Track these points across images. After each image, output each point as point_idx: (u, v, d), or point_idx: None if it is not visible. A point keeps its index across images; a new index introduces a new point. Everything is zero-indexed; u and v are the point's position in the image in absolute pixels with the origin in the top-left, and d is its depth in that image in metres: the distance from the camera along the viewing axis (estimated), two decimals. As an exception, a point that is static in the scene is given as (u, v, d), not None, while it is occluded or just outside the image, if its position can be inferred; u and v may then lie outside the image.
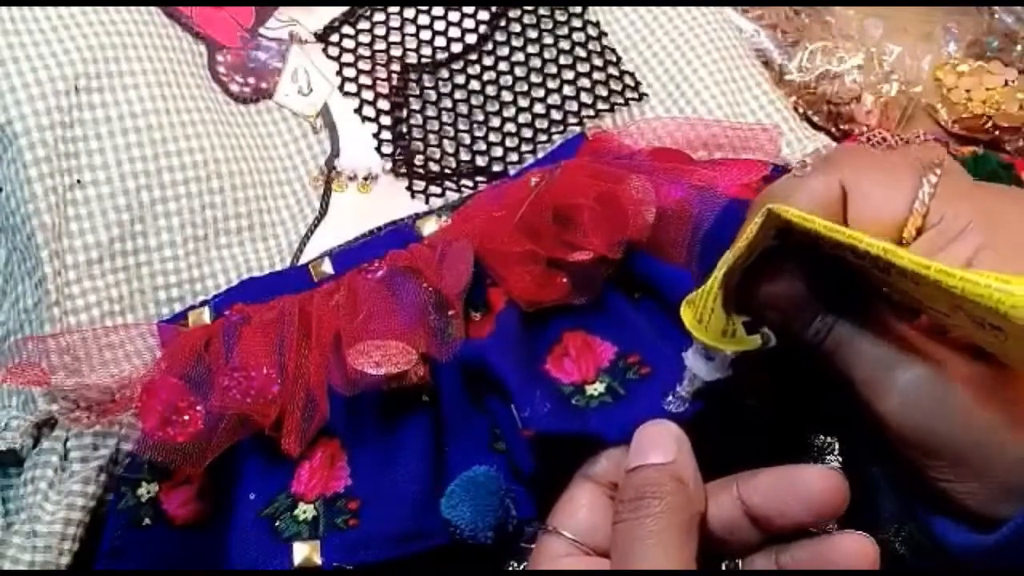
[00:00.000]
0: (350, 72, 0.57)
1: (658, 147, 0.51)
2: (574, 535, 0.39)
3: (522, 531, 0.42)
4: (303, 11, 0.58)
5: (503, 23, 0.57)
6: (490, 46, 0.57)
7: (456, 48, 0.57)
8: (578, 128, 0.55)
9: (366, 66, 0.57)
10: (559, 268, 0.45)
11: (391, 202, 0.54)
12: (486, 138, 0.55)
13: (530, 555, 0.40)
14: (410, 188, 0.54)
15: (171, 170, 0.50)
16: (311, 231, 0.53)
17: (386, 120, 0.56)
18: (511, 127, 0.55)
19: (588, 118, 0.55)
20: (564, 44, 0.57)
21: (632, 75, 0.56)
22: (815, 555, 0.36)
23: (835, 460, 0.48)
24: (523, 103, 0.56)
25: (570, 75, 0.56)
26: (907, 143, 0.61)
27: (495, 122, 0.55)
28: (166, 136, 0.51)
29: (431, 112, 0.56)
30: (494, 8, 0.57)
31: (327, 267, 0.49)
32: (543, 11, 0.57)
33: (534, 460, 0.41)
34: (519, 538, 0.42)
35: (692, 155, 0.51)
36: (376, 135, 0.55)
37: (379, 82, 0.56)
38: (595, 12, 0.57)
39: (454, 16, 0.57)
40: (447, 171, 0.55)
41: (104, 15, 0.52)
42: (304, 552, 0.41)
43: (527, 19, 0.57)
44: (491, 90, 0.56)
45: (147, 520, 0.44)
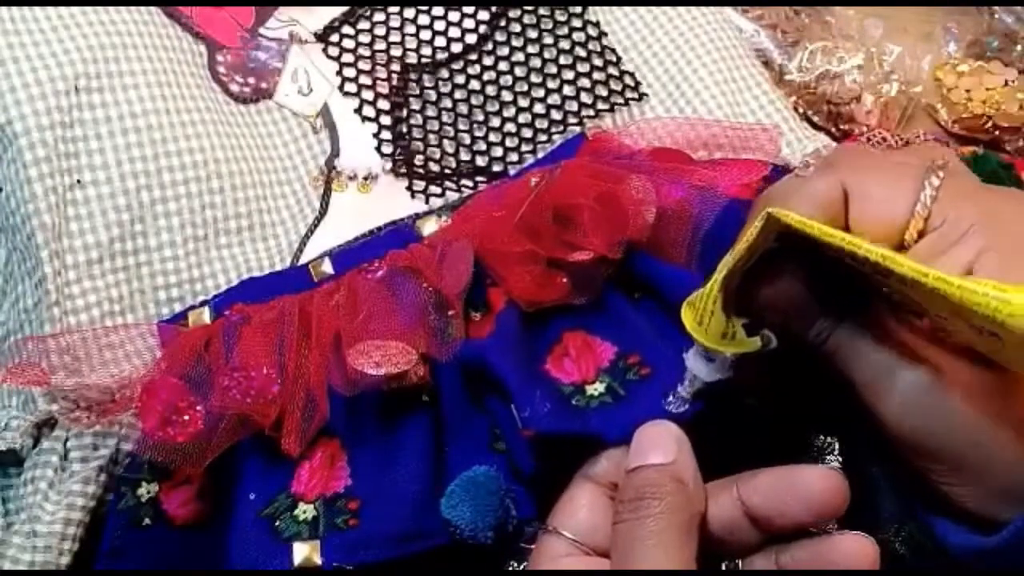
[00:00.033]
0: (350, 72, 0.57)
1: (658, 147, 0.51)
2: (574, 535, 0.39)
3: (522, 531, 0.42)
4: (303, 11, 0.58)
5: (503, 23, 0.57)
6: (490, 46, 0.57)
7: (456, 48, 0.57)
8: (578, 128, 0.55)
9: (366, 66, 0.57)
10: (559, 268, 0.45)
11: (391, 202, 0.54)
12: (486, 138, 0.55)
13: (530, 555, 0.40)
14: (410, 188, 0.54)
15: (171, 170, 0.50)
16: (311, 231, 0.53)
17: (386, 120, 0.55)
18: (511, 127, 0.55)
19: (588, 118, 0.55)
20: (564, 44, 0.57)
21: (632, 75, 0.56)
22: (815, 555, 0.36)
23: (835, 460, 0.48)
24: (523, 103, 0.56)
25: (570, 75, 0.56)
26: (907, 143, 0.61)
27: (495, 122, 0.55)
28: (166, 136, 0.51)
29: (431, 112, 0.56)
30: (494, 8, 0.57)
31: (327, 267, 0.49)
32: (543, 11, 0.57)
33: (534, 460, 0.41)
34: (519, 538, 0.42)
35: (692, 155, 0.51)
36: (376, 135, 0.55)
37: (379, 82, 0.56)
38: (595, 12, 0.57)
39: (454, 16, 0.57)
40: (447, 171, 0.54)
41: (104, 15, 0.52)
42: (304, 552, 0.41)
43: (527, 19, 0.57)
44: (491, 90, 0.56)
45: (147, 520, 0.44)
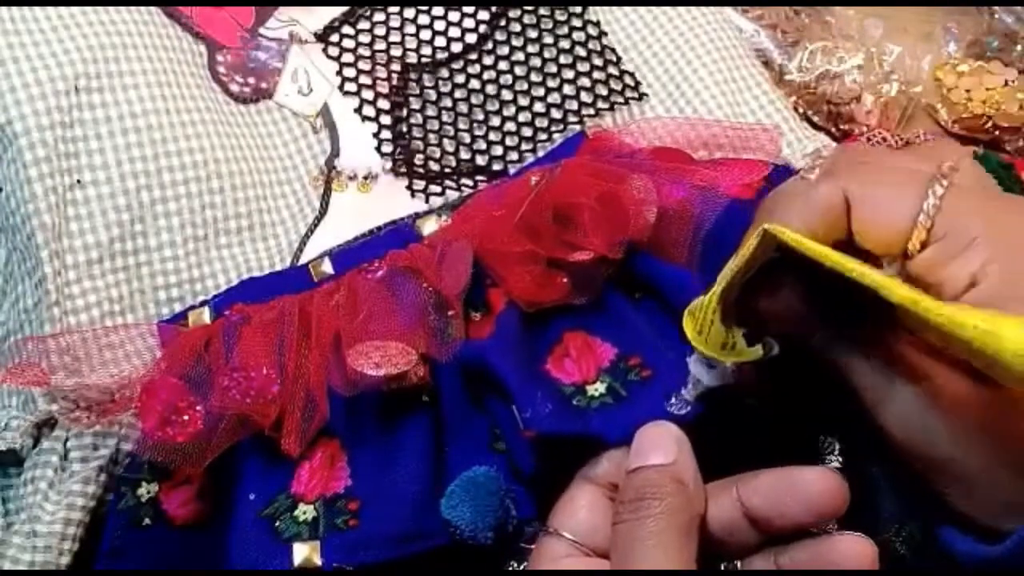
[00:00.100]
0: (350, 72, 0.57)
1: (659, 146, 0.51)
2: (574, 536, 0.39)
3: (522, 531, 0.41)
4: (303, 11, 0.58)
5: (503, 23, 0.57)
6: (490, 46, 0.57)
7: (456, 48, 0.57)
8: (578, 127, 0.55)
9: (366, 66, 0.57)
10: (559, 268, 0.45)
11: (391, 201, 0.54)
12: (486, 137, 0.55)
13: (530, 555, 0.40)
14: (410, 187, 0.54)
15: (171, 170, 0.50)
16: (311, 231, 0.53)
17: (386, 120, 0.55)
18: (511, 126, 0.55)
19: (588, 117, 0.55)
20: (564, 44, 0.57)
21: (632, 75, 0.56)
22: (814, 556, 0.36)
23: (835, 460, 0.48)
24: (523, 102, 0.56)
25: (570, 75, 0.56)
26: (907, 143, 0.61)
27: (495, 121, 0.55)
28: (166, 136, 0.51)
29: (431, 111, 0.56)
30: (494, 8, 0.57)
31: (327, 267, 0.49)
32: (543, 11, 0.57)
33: (535, 460, 0.41)
34: (519, 538, 0.42)
35: (692, 155, 0.51)
36: (376, 135, 0.55)
37: (379, 82, 0.56)
38: (595, 12, 0.57)
39: (454, 16, 0.57)
40: (447, 170, 0.54)
41: (104, 15, 0.52)
42: (304, 553, 0.41)
43: (527, 19, 0.57)
44: (491, 89, 0.56)
45: (147, 520, 0.44)
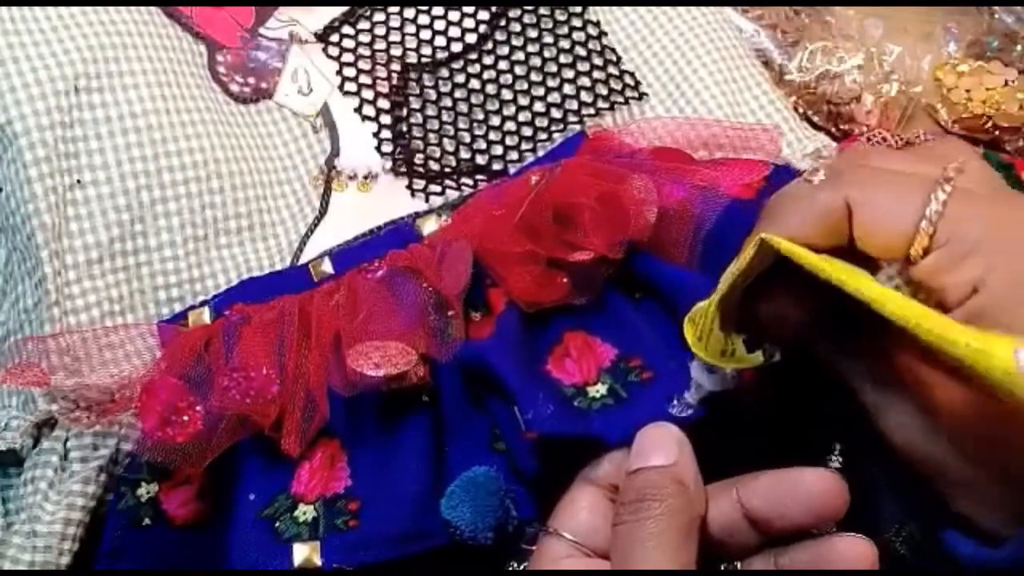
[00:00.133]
0: (350, 72, 0.57)
1: (659, 146, 0.51)
2: (575, 537, 0.39)
3: (522, 532, 0.41)
4: (303, 11, 0.58)
5: (503, 23, 0.57)
6: (490, 46, 0.57)
7: (456, 48, 0.57)
8: (578, 127, 0.55)
9: (366, 66, 0.57)
10: (559, 268, 0.45)
11: (391, 201, 0.54)
12: (486, 137, 0.55)
13: (530, 556, 0.40)
14: (410, 187, 0.54)
15: (171, 170, 0.50)
16: (311, 231, 0.53)
17: (386, 119, 0.55)
18: (511, 126, 0.55)
19: (588, 116, 0.55)
20: (564, 44, 0.57)
21: (632, 75, 0.56)
22: (814, 557, 0.36)
23: (835, 460, 0.48)
24: (523, 102, 0.56)
25: (570, 74, 0.56)
26: (907, 143, 0.61)
27: (495, 121, 0.55)
28: (166, 136, 0.51)
29: (431, 111, 0.56)
30: (494, 8, 0.57)
31: (327, 267, 0.49)
32: (543, 11, 0.57)
33: (536, 461, 0.41)
34: (519, 539, 0.42)
35: (693, 155, 0.51)
36: (376, 134, 0.55)
37: (379, 82, 0.56)
38: (595, 12, 0.57)
39: (454, 16, 0.57)
40: (447, 170, 0.54)
41: (104, 15, 0.51)
42: (304, 553, 0.41)
43: (527, 19, 0.57)
44: (491, 89, 0.56)
45: (147, 520, 0.44)
